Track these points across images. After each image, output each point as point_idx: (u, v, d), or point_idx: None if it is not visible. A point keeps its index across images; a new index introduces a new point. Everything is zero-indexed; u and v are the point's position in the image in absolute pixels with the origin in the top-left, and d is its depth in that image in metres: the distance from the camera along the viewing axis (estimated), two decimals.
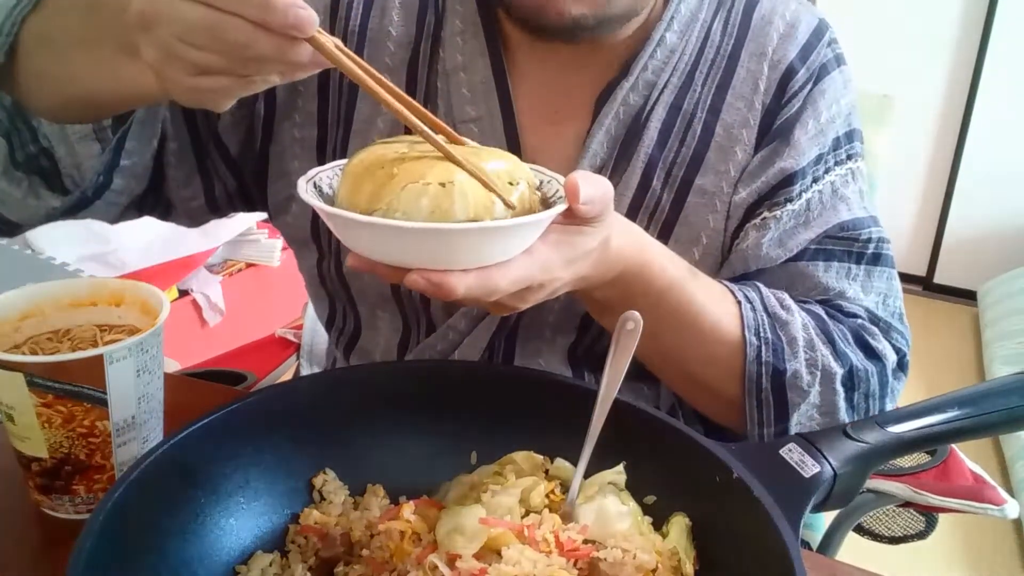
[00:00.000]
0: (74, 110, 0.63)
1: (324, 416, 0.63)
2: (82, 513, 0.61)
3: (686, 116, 0.74)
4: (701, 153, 0.74)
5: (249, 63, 0.48)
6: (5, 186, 0.70)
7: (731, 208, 0.74)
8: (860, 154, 0.78)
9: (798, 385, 0.70)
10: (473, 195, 0.49)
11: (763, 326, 0.70)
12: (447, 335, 0.78)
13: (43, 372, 0.56)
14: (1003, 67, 2.91)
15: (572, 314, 0.77)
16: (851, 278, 0.76)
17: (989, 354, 2.56)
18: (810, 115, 0.74)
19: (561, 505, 0.60)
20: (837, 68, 0.76)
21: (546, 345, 0.79)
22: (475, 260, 0.49)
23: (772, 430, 0.72)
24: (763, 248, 0.74)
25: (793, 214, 0.74)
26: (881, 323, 0.76)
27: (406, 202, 0.48)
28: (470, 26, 0.74)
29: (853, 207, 0.76)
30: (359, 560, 0.57)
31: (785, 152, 0.73)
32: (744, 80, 0.74)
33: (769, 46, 0.74)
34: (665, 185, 0.73)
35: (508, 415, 0.64)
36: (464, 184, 0.49)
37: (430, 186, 0.48)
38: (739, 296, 0.71)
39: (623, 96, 0.72)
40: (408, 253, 0.49)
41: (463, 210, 0.48)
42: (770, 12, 0.76)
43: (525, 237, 0.51)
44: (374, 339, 0.84)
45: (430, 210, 0.48)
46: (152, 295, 0.64)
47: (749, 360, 0.69)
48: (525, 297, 0.55)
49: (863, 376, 0.72)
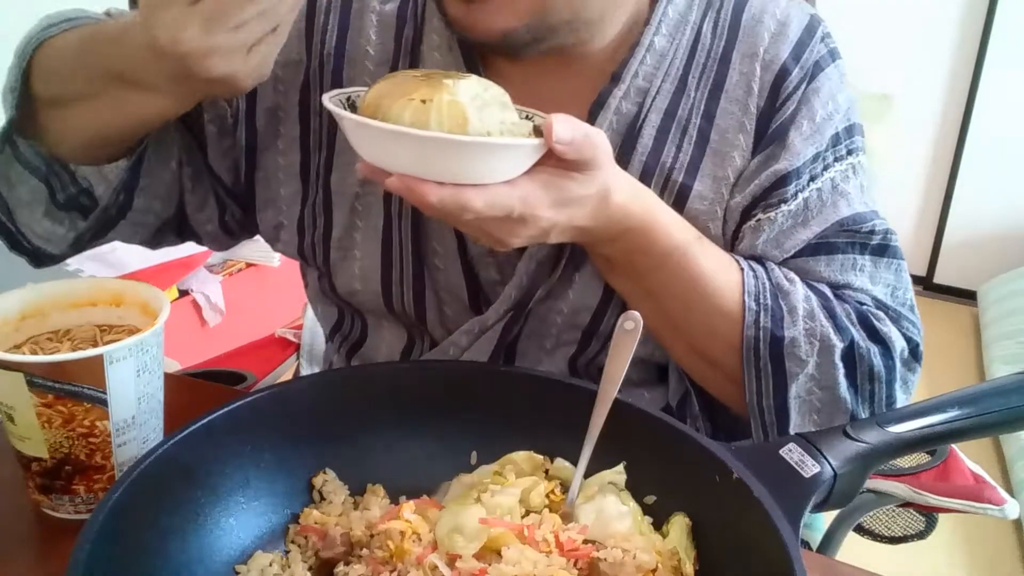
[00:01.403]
0: (96, 149, 0.68)
1: (324, 416, 0.63)
2: (82, 513, 0.61)
3: (680, 122, 0.73)
4: (697, 159, 0.73)
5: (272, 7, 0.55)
6: (49, 226, 0.72)
7: (728, 213, 0.74)
8: (861, 148, 0.77)
9: (796, 354, 0.69)
10: (448, 113, 0.53)
11: (763, 292, 0.70)
12: (448, 350, 0.78)
13: (43, 372, 0.56)
14: (1003, 67, 2.91)
15: (574, 326, 0.76)
16: (857, 269, 0.75)
17: (989, 354, 2.56)
18: (805, 115, 0.73)
19: (561, 505, 0.60)
20: (832, 63, 0.75)
21: (546, 355, 0.79)
22: (449, 174, 0.53)
23: (772, 403, 0.71)
24: (758, 249, 0.73)
25: (789, 214, 0.73)
26: (891, 311, 0.75)
27: (395, 114, 0.53)
28: (446, 39, 0.73)
29: (854, 202, 0.75)
30: (359, 560, 0.57)
31: (780, 155, 0.72)
32: (737, 83, 0.73)
33: (761, 46, 0.73)
34: (663, 193, 0.73)
35: (508, 415, 0.64)
36: (442, 103, 0.53)
37: (413, 101, 0.53)
38: (743, 264, 0.71)
39: (616, 105, 0.72)
40: (391, 157, 0.53)
41: (438, 125, 0.52)
42: (760, 11, 0.75)
43: (499, 162, 0.54)
44: (378, 348, 0.84)
45: (410, 122, 0.53)
46: (152, 295, 0.64)
47: (747, 324, 0.69)
48: (510, 229, 0.57)
49: (864, 354, 0.71)
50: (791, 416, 0.71)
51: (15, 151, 0.69)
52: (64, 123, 0.67)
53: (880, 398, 0.73)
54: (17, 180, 0.70)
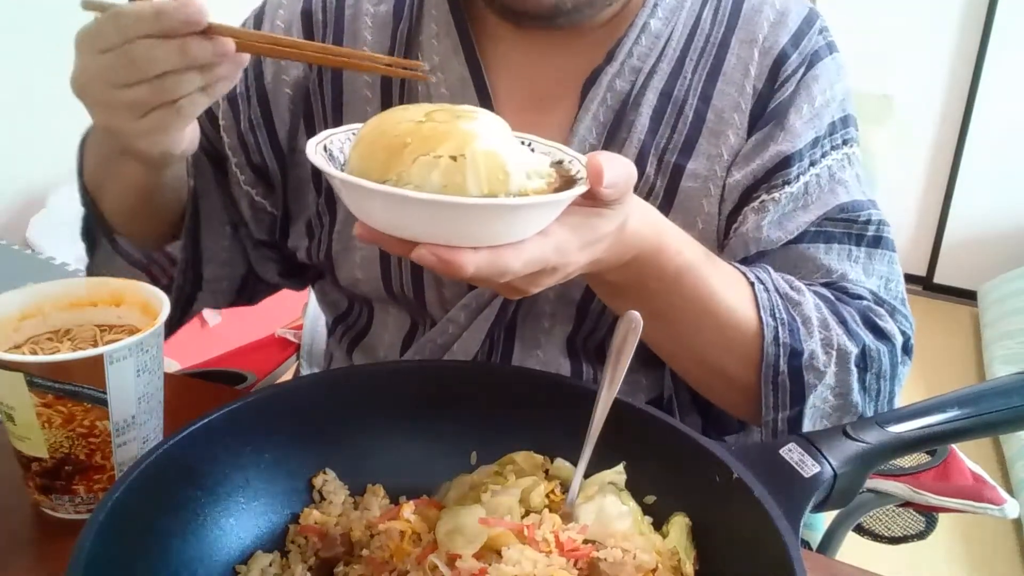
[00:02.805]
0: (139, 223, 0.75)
1: (324, 416, 0.63)
2: (82, 513, 0.61)
3: (677, 102, 0.74)
4: (693, 139, 0.74)
5: (167, 80, 0.55)
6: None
7: (725, 191, 0.74)
8: (855, 139, 0.78)
9: (815, 366, 0.69)
10: (486, 169, 0.46)
11: (777, 307, 0.69)
12: (447, 328, 0.79)
13: (43, 372, 0.56)
14: (1003, 67, 2.91)
15: (567, 301, 0.77)
16: (852, 260, 0.75)
17: (989, 354, 2.56)
18: (804, 99, 0.74)
19: (561, 505, 0.60)
20: (830, 55, 0.77)
21: (544, 335, 0.79)
22: (487, 238, 0.47)
23: (787, 413, 0.70)
24: (763, 231, 0.73)
25: (791, 197, 0.74)
26: (886, 305, 0.76)
27: (417, 175, 0.46)
28: (443, 26, 0.75)
29: (852, 190, 0.76)
30: (359, 560, 0.57)
31: (780, 136, 0.73)
32: (735, 67, 0.74)
33: (760, 33, 0.75)
34: (658, 171, 0.74)
35: (508, 415, 0.64)
36: (477, 157, 0.46)
37: (441, 159, 0.46)
38: (751, 277, 0.70)
39: (608, 82, 0.73)
40: (418, 226, 0.46)
41: (476, 185, 0.46)
42: (760, 1, 0.76)
43: (542, 217, 0.49)
44: (381, 335, 0.85)
45: (442, 184, 0.46)
46: (152, 295, 0.64)
47: (767, 342, 0.68)
48: (538, 281, 0.54)
49: (875, 356, 0.71)
50: (804, 424, 0.71)
51: (114, 246, 0.75)
52: (110, 205, 0.72)
53: (884, 395, 0.73)
54: (119, 274, 0.74)
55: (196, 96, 0.57)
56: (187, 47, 0.54)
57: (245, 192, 0.81)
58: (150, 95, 0.56)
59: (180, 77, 0.55)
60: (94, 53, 0.55)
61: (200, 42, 0.54)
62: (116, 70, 0.55)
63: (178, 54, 0.54)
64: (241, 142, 0.79)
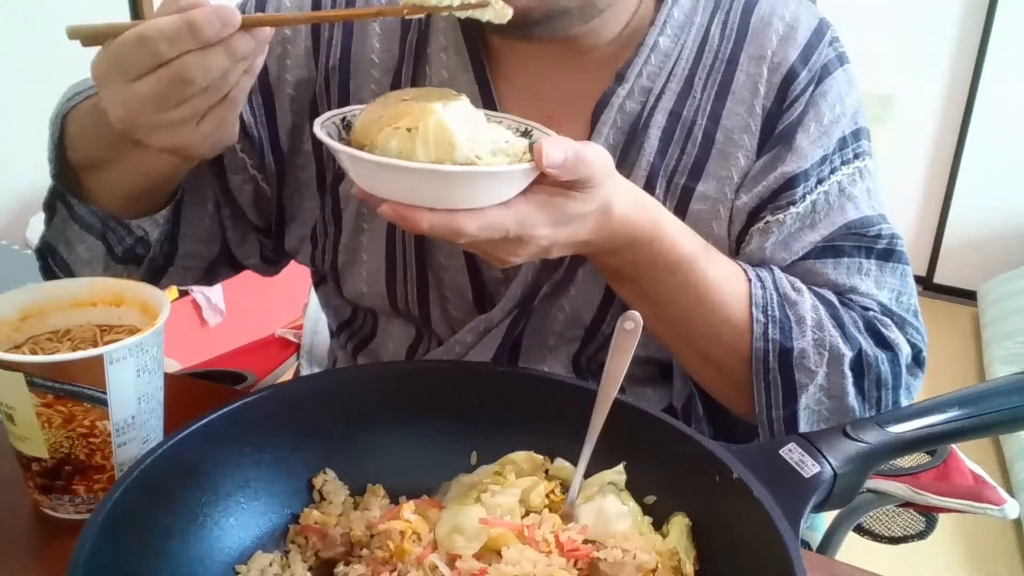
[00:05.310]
0: (137, 204, 0.72)
1: (324, 416, 0.63)
2: (82, 513, 0.61)
3: (686, 123, 0.73)
4: (702, 160, 0.73)
5: (216, 82, 0.55)
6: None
7: (733, 213, 0.74)
8: (868, 152, 0.77)
9: (805, 365, 0.69)
10: (435, 140, 0.52)
11: (771, 304, 0.69)
12: (453, 348, 0.78)
13: (43, 372, 0.55)
14: (1003, 67, 2.91)
15: (577, 323, 0.77)
16: (863, 273, 0.75)
17: (989, 354, 2.56)
18: (812, 118, 0.73)
19: (561, 505, 0.60)
20: (840, 67, 0.75)
21: (549, 352, 0.79)
22: (440, 200, 0.53)
23: (781, 413, 0.71)
24: (767, 252, 0.73)
25: (797, 216, 0.73)
26: (895, 316, 0.75)
27: (381, 142, 0.53)
28: (452, 42, 0.74)
29: (861, 206, 0.75)
30: (359, 560, 0.57)
31: (787, 157, 0.72)
32: (744, 84, 0.73)
33: (769, 48, 0.73)
34: (667, 193, 0.73)
35: (508, 415, 0.64)
36: (428, 129, 0.53)
37: (399, 130, 0.53)
38: (751, 275, 0.71)
39: (619, 104, 0.72)
40: (384, 186, 0.53)
41: (424, 152, 0.52)
42: (769, 13, 0.75)
43: (494, 187, 0.54)
44: (385, 344, 0.85)
45: (397, 151, 0.53)
46: (152, 295, 0.64)
47: (756, 336, 0.69)
48: (509, 249, 0.57)
49: (872, 362, 0.71)
50: (800, 426, 0.72)
51: (70, 212, 0.73)
52: (100, 184, 0.70)
53: (886, 404, 0.73)
54: (75, 240, 0.73)
55: (243, 81, 0.57)
56: (232, 48, 0.54)
57: (252, 176, 0.79)
58: (204, 101, 0.56)
59: (228, 75, 0.55)
60: (126, 84, 0.54)
61: (242, 37, 0.54)
62: (165, 93, 0.54)
63: (227, 57, 0.54)
64: (246, 134, 0.79)
